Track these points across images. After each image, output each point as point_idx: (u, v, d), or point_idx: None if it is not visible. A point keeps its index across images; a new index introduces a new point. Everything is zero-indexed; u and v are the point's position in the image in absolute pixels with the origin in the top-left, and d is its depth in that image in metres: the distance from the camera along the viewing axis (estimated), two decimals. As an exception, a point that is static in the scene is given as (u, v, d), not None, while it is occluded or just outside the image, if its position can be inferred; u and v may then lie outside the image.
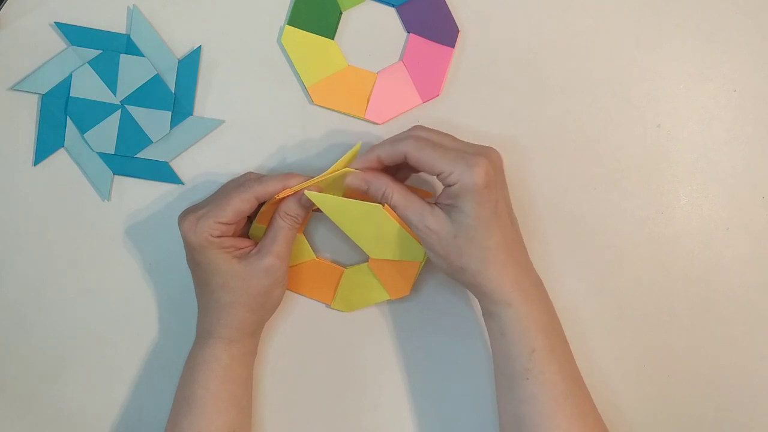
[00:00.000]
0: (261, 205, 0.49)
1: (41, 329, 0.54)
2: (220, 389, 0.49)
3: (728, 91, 0.54)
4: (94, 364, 0.55)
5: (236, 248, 0.48)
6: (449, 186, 0.44)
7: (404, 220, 0.46)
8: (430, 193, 0.52)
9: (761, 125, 0.55)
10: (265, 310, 0.50)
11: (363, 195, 0.48)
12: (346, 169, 0.47)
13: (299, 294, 0.55)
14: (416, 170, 0.49)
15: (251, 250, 0.49)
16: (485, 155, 0.44)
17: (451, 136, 0.47)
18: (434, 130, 0.47)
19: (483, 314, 0.48)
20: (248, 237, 0.51)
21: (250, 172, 0.51)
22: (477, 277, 0.45)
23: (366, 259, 0.53)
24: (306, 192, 0.47)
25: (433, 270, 0.54)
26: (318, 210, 0.48)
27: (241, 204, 0.46)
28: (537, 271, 0.48)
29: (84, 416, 0.55)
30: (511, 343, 0.45)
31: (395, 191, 0.46)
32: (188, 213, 0.48)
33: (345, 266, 0.54)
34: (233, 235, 0.48)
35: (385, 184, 0.46)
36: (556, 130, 0.54)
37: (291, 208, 0.48)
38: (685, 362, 0.55)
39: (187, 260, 0.49)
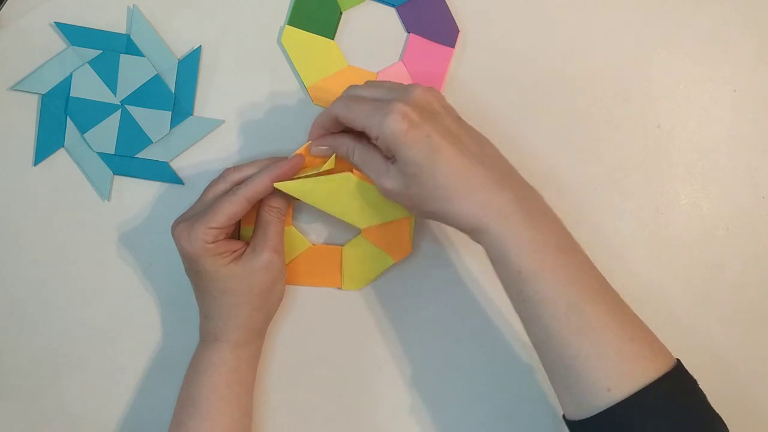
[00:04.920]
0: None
1: (41, 329, 0.54)
2: (226, 391, 0.49)
3: (728, 91, 0.54)
4: (94, 363, 0.55)
5: (231, 251, 0.48)
6: (375, 140, 0.43)
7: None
8: None
9: (761, 125, 0.55)
10: (269, 305, 0.50)
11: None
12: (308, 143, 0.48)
13: (307, 286, 0.55)
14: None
15: (246, 251, 0.49)
16: (401, 97, 0.43)
17: (387, 85, 0.47)
18: (372, 83, 0.47)
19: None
20: (239, 239, 0.51)
21: (227, 169, 0.50)
22: (445, 217, 0.44)
23: (359, 231, 0.53)
24: (275, 184, 0.47)
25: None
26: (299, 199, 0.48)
27: (232, 207, 0.46)
28: None
29: (84, 416, 0.55)
30: (499, 268, 0.43)
31: (357, 149, 0.46)
32: (179, 223, 0.47)
33: (341, 245, 0.54)
34: (226, 238, 0.48)
35: (346, 142, 0.47)
36: (556, 131, 0.54)
37: (274, 200, 0.49)
38: (684, 362, 0.55)
39: (186, 270, 0.49)
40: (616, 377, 0.40)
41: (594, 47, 0.54)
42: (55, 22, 0.51)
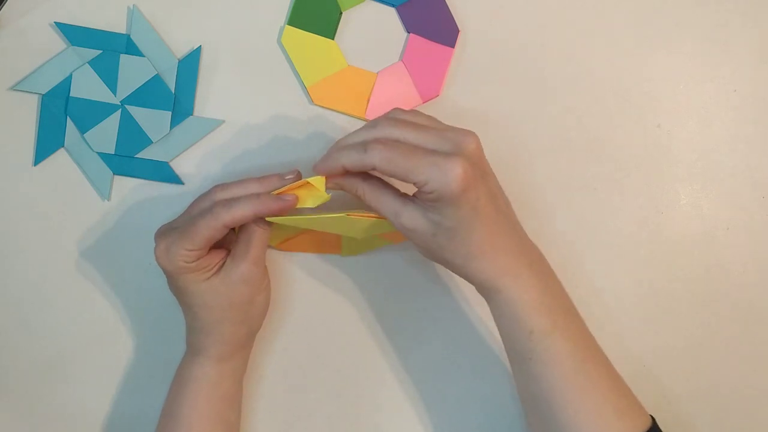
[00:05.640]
0: None
1: (41, 329, 0.54)
2: (207, 407, 0.48)
3: (728, 91, 0.54)
4: (93, 364, 0.55)
5: (212, 265, 0.47)
6: (427, 194, 0.41)
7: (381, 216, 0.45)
8: None
9: (761, 125, 0.55)
10: (251, 319, 0.49)
11: None
12: (315, 178, 0.45)
13: (309, 253, 0.54)
14: None
15: (226, 261, 0.47)
16: (461, 151, 0.41)
17: (424, 124, 0.44)
18: (405, 119, 0.44)
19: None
20: (222, 247, 0.49)
21: (215, 187, 0.48)
22: (460, 269, 0.44)
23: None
24: (267, 218, 0.46)
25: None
26: None
27: (208, 232, 0.44)
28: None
29: (83, 416, 0.55)
30: (507, 326, 0.44)
31: (367, 189, 0.44)
32: (161, 238, 0.46)
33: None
34: (209, 252, 0.47)
35: (356, 183, 0.45)
36: (556, 131, 0.54)
37: None
38: (685, 362, 0.55)
39: (168, 285, 0.49)
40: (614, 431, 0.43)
41: (594, 47, 0.54)
42: (55, 22, 0.51)
